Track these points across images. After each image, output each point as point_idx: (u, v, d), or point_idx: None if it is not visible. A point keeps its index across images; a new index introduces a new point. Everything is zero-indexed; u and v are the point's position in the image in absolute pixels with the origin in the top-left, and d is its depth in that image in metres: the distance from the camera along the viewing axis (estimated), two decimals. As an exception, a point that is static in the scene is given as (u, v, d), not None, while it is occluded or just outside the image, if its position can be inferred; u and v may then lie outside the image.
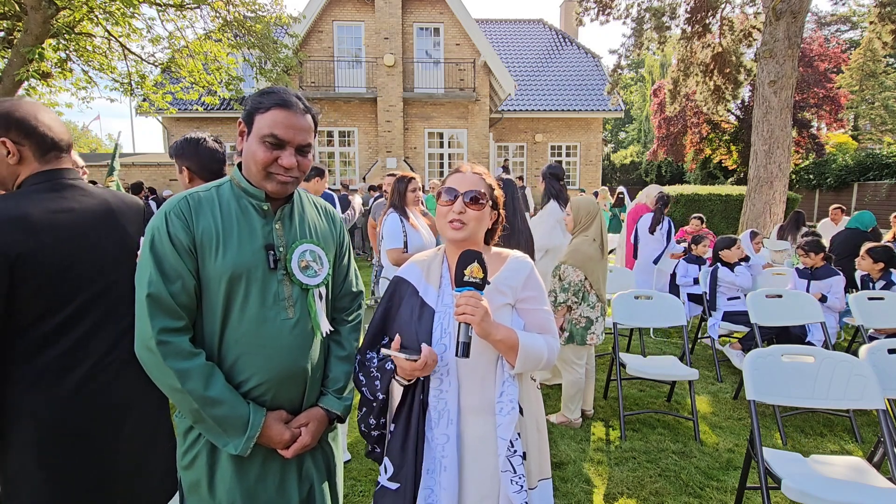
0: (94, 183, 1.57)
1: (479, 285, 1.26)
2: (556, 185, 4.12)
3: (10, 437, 1.33)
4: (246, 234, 1.27)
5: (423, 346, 1.29)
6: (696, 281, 5.20)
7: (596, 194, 13.32)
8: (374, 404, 1.39)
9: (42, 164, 1.40)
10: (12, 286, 1.27)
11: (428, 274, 1.45)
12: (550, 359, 1.37)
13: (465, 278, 1.25)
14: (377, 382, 1.37)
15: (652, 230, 5.80)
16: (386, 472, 1.36)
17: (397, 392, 1.39)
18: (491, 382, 1.35)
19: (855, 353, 2.41)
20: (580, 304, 3.30)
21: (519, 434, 1.33)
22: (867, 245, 4.44)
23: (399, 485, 1.32)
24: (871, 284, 4.36)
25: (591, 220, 3.36)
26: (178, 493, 1.58)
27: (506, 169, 13.34)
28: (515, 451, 1.30)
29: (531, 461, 1.39)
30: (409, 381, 1.35)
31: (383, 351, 1.30)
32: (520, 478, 1.28)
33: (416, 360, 1.25)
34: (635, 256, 6.08)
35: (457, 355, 1.22)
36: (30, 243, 1.28)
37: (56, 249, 1.32)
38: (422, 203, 3.94)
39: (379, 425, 1.43)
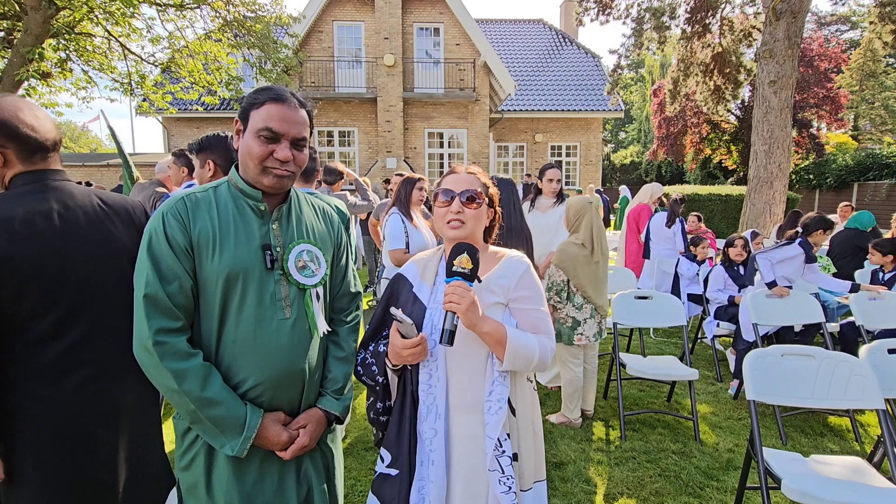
0: (89, 184, 1.56)
1: (468, 276, 1.27)
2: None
3: (9, 438, 1.33)
4: (243, 234, 1.28)
5: (421, 333, 1.32)
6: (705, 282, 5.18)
7: (600, 192, 13.28)
8: (378, 389, 1.44)
9: (27, 166, 1.37)
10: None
11: (424, 272, 1.47)
12: (543, 359, 1.36)
13: (454, 268, 1.27)
14: (374, 368, 1.42)
15: (669, 224, 5.85)
16: (384, 461, 1.40)
17: (394, 380, 1.42)
18: (481, 380, 1.35)
19: (854, 353, 2.41)
20: (565, 304, 3.30)
21: (509, 434, 1.33)
22: (873, 241, 4.55)
23: (398, 471, 1.35)
24: (880, 275, 4.40)
25: (579, 220, 3.34)
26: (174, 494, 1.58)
27: (527, 185, 13.30)
28: (504, 452, 1.30)
29: (525, 462, 1.39)
30: (395, 364, 1.37)
31: (391, 309, 1.32)
32: (508, 478, 1.28)
33: (412, 326, 1.28)
34: (646, 256, 6.04)
35: (440, 342, 1.23)
36: (11, 245, 1.26)
37: (38, 251, 1.30)
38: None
39: (386, 409, 1.47)
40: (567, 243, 3.33)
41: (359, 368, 1.46)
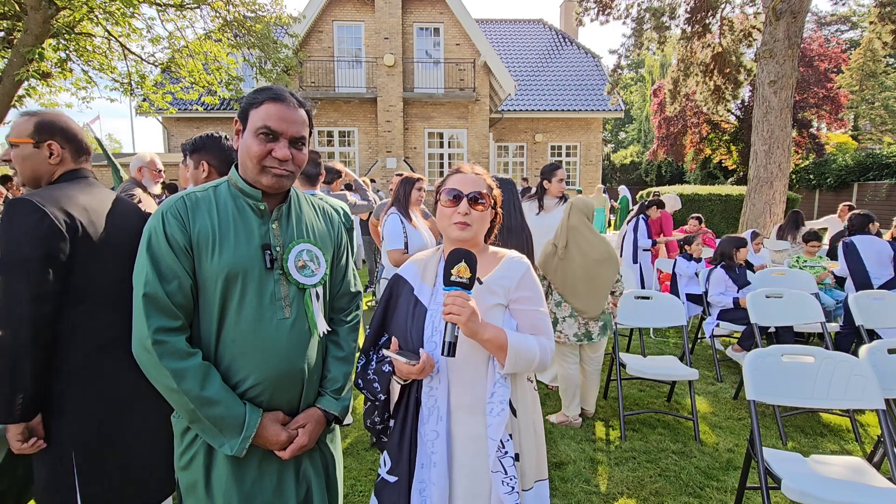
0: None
1: (466, 285, 1.26)
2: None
3: (65, 409, 1.48)
4: (242, 233, 1.28)
5: (422, 351, 1.31)
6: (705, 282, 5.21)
7: (604, 190, 13.34)
8: (377, 404, 1.43)
9: (76, 164, 1.65)
10: (71, 257, 1.45)
11: (424, 273, 1.46)
12: (543, 360, 1.36)
13: (452, 278, 1.26)
14: (376, 385, 1.41)
15: (628, 221, 6.34)
16: (385, 465, 1.40)
17: (396, 389, 1.42)
18: (482, 382, 1.35)
19: (854, 353, 2.41)
20: (547, 300, 3.33)
21: (511, 435, 1.33)
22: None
23: (397, 478, 1.36)
24: None
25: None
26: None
27: (526, 189, 13.30)
28: (507, 453, 1.30)
29: (526, 462, 1.39)
30: (405, 381, 1.37)
31: (383, 351, 1.31)
32: (511, 479, 1.28)
33: (414, 364, 1.27)
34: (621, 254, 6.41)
35: (442, 354, 1.23)
36: (76, 221, 1.47)
37: (94, 230, 1.52)
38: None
39: (384, 420, 1.47)
40: (546, 242, 3.42)
41: (359, 381, 1.45)
